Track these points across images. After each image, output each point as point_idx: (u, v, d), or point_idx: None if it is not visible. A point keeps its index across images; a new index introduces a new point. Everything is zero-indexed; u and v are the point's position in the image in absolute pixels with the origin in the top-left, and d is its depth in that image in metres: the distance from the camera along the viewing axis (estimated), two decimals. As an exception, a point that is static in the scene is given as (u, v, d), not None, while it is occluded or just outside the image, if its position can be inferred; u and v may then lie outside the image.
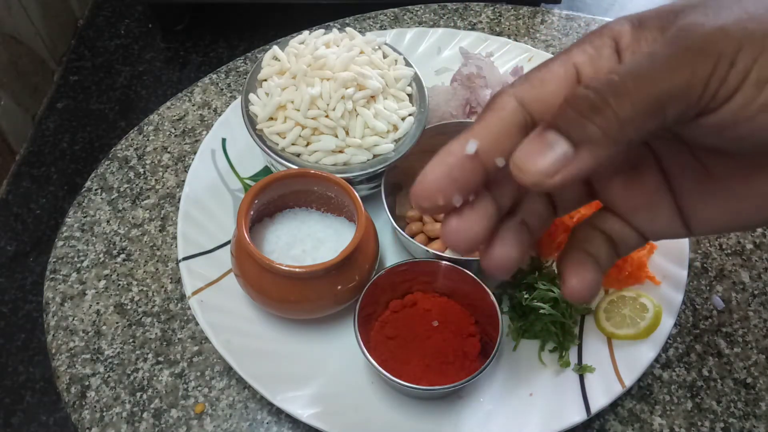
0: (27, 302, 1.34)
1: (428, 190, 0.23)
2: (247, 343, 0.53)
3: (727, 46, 0.20)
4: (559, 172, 0.21)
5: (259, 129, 0.58)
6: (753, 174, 0.23)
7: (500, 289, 0.57)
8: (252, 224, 0.54)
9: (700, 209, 0.25)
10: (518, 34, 0.83)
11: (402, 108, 0.59)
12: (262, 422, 0.53)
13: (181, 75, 1.75)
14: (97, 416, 0.53)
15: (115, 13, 1.91)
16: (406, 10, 0.85)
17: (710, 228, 0.25)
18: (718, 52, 0.20)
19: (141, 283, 0.61)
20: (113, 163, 0.70)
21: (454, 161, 0.23)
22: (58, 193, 1.52)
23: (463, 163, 0.23)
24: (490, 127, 0.23)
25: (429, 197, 0.23)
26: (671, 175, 0.26)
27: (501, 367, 0.53)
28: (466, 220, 0.24)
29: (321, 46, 0.60)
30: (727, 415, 0.53)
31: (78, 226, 0.65)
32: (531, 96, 0.23)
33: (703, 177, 0.25)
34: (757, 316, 0.59)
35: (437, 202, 0.23)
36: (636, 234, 0.27)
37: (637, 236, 0.27)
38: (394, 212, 0.58)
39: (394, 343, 0.51)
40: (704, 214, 0.25)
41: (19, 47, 1.56)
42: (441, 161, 0.23)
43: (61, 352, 0.57)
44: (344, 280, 0.51)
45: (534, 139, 0.22)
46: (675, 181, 0.25)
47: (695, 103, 0.20)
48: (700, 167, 0.25)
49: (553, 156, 0.21)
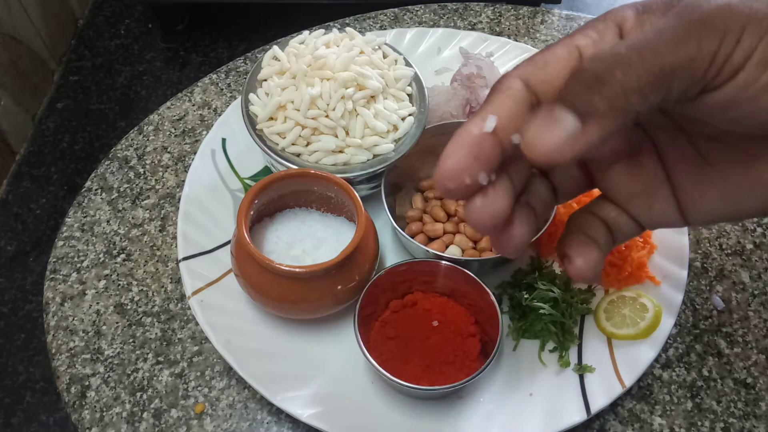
0: (27, 302, 1.34)
1: (453, 169, 0.23)
2: (247, 343, 0.53)
3: (734, 22, 0.20)
4: (569, 147, 0.21)
5: (259, 129, 0.58)
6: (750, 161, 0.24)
7: (500, 289, 0.57)
8: (252, 224, 0.54)
9: (697, 197, 0.25)
10: (518, 34, 0.83)
11: (402, 108, 0.59)
12: (262, 422, 0.53)
13: (181, 75, 1.75)
14: (97, 416, 0.53)
15: (115, 13, 1.91)
16: (406, 10, 0.85)
17: (706, 216, 0.26)
18: (724, 27, 0.20)
19: (141, 283, 0.61)
20: (113, 163, 0.70)
21: (473, 140, 0.23)
22: (58, 193, 1.52)
23: (483, 140, 0.23)
24: (501, 105, 0.23)
25: (454, 177, 0.23)
26: (669, 163, 0.26)
27: (501, 367, 0.53)
28: (491, 198, 0.23)
29: (321, 46, 0.60)
30: (727, 415, 0.53)
31: (78, 226, 0.65)
32: (535, 77, 0.23)
33: (700, 165, 0.25)
34: (757, 316, 0.59)
35: (464, 181, 0.23)
36: (632, 222, 0.27)
37: (634, 224, 0.27)
38: (394, 212, 0.58)
39: (394, 343, 0.51)
40: (701, 202, 0.25)
41: (19, 47, 1.56)
42: (461, 141, 0.23)
43: (61, 352, 0.57)
44: (344, 280, 0.51)
45: (542, 116, 0.22)
46: (673, 169, 0.26)
47: (700, 77, 0.20)
48: (697, 156, 0.25)
49: (561, 131, 0.21)
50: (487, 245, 0.57)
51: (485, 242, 0.57)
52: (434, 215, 0.58)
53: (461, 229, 0.57)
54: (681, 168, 0.25)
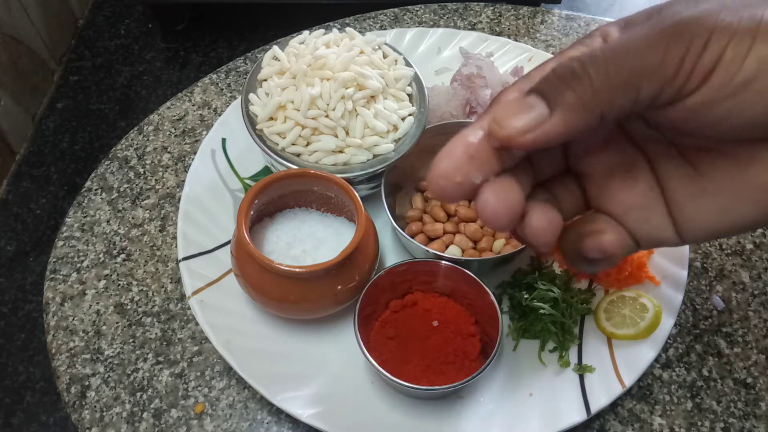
0: (27, 302, 1.34)
1: (445, 169, 0.24)
2: (247, 343, 0.53)
3: (702, 29, 0.21)
4: (532, 131, 0.23)
5: (259, 129, 0.58)
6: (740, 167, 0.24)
7: (500, 289, 0.57)
8: (252, 224, 0.54)
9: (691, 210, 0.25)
10: (518, 34, 0.83)
11: (402, 108, 0.59)
12: (262, 422, 0.53)
13: (181, 75, 1.75)
14: (97, 416, 0.53)
15: (115, 13, 1.91)
16: (406, 10, 0.85)
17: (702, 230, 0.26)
18: (692, 34, 0.21)
19: (141, 283, 0.61)
20: (113, 163, 0.70)
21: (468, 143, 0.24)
22: (58, 193, 1.52)
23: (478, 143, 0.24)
24: None
25: (447, 176, 0.24)
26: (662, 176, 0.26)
27: (501, 367, 0.53)
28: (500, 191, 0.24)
29: (321, 46, 0.60)
30: (727, 415, 0.53)
31: (78, 226, 0.65)
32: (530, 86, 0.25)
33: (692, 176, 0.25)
34: (757, 316, 0.59)
35: (455, 179, 0.24)
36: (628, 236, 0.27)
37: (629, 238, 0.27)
38: (394, 212, 0.58)
39: (394, 343, 0.51)
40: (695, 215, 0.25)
41: (19, 47, 1.56)
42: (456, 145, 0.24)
43: (61, 352, 0.57)
44: (344, 280, 0.51)
45: (515, 99, 0.23)
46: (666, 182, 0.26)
47: (669, 81, 0.22)
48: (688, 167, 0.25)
49: (530, 116, 0.23)
50: (488, 245, 0.57)
51: (485, 242, 0.57)
52: (434, 215, 0.58)
53: (461, 229, 0.57)
54: (674, 180, 0.26)
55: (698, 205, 0.25)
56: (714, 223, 0.25)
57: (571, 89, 0.22)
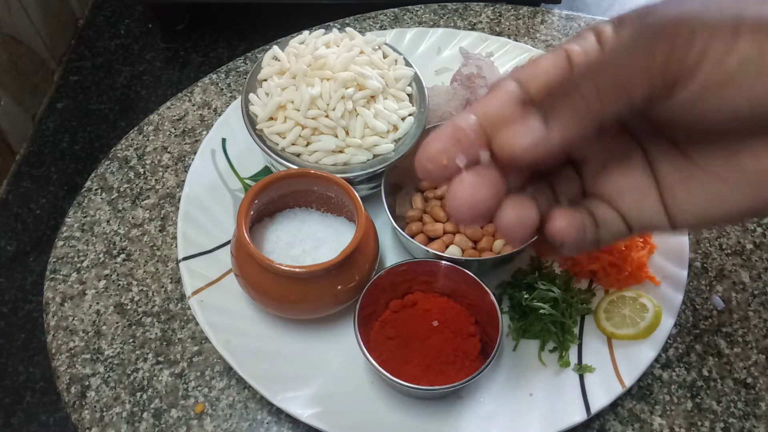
0: (27, 302, 1.34)
1: (432, 151, 0.25)
2: (247, 343, 0.53)
3: (683, 28, 0.22)
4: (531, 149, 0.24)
5: (259, 129, 0.58)
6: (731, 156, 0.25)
7: (500, 289, 0.57)
8: (252, 224, 0.54)
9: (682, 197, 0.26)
10: (518, 34, 0.83)
11: (402, 108, 0.59)
12: (262, 422, 0.53)
13: (181, 75, 1.75)
14: (97, 416, 0.53)
15: (115, 13, 1.91)
16: (406, 10, 0.85)
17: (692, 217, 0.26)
18: (674, 34, 0.22)
19: (141, 283, 0.61)
20: (113, 163, 0.70)
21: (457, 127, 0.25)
22: (58, 193, 1.52)
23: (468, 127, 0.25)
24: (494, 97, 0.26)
25: (432, 158, 0.25)
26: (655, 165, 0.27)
27: (501, 367, 0.53)
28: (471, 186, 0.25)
29: (321, 46, 0.60)
30: (727, 415, 0.53)
31: (78, 226, 0.65)
32: (526, 75, 0.26)
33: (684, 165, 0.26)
34: (757, 316, 0.59)
35: (441, 161, 0.25)
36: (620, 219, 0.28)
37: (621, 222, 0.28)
38: (394, 212, 0.58)
39: (394, 343, 0.51)
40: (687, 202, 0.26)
41: (19, 47, 1.56)
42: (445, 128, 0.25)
43: (61, 352, 0.57)
44: (344, 280, 0.51)
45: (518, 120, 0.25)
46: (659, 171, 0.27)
47: (659, 80, 0.22)
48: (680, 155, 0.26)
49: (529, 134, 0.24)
50: (487, 245, 0.57)
51: (485, 242, 0.57)
52: (434, 215, 0.58)
53: (461, 229, 0.57)
54: (666, 168, 0.27)
55: (689, 192, 0.26)
56: (704, 210, 0.26)
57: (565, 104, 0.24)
